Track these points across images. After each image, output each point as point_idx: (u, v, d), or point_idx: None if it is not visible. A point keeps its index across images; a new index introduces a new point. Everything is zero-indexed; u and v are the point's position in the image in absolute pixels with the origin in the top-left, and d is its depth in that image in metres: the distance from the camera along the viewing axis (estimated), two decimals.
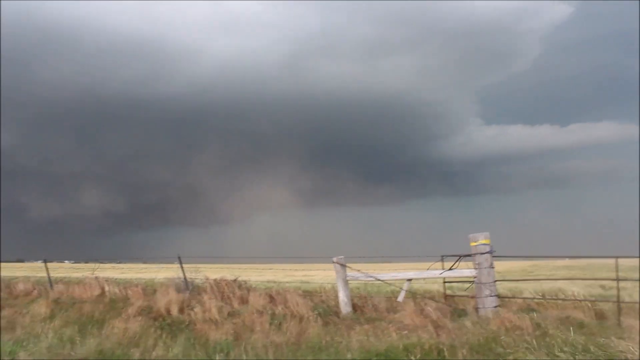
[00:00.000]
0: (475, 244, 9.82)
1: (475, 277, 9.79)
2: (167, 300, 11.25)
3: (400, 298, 10.48)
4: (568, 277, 17.97)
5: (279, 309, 10.35)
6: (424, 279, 11.80)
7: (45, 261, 17.43)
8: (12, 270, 38.03)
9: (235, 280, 12.30)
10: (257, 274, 22.42)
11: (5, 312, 12.51)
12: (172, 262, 14.62)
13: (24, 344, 9.45)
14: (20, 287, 15.17)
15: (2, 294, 14.65)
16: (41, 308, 12.26)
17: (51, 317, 11.63)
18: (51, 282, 15.38)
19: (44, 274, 16.93)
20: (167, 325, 10.07)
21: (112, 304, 12.09)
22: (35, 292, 14.62)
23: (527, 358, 6.64)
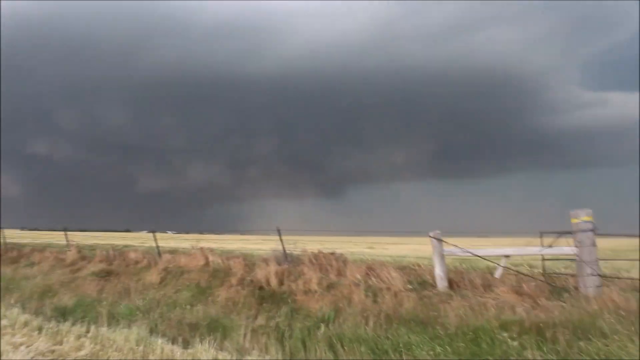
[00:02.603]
0: (576, 220, 9.54)
1: (576, 255, 9.55)
2: (267, 272, 11.69)
3: (497, 274, 10.41)
4: None
5: (375, 282, 10.54)
6: (522, 255, 11.63)
7: (153, 232, 18.49)
8: (120, 239, 40.46)
9: (332, 253, 12.60)
10: (352, 247, 22.69)
11: (120, 279, 13.46)
12: (268, 234, 15.12)
13: (140, 308, 10.17)
14: (132, 255, 16.19)
15: (116, 262, 15.73)
16: (152, 276, 13.07)
17: (162, 284, 12.39)
18: (159, 251, 16.31)
19: (150, 244, 17.95)
20: (268, 295, 10.50)
21: (216, 273, 12.68)
22: (145, 261, 15.54)
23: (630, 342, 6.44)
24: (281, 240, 13.68)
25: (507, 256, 10.49)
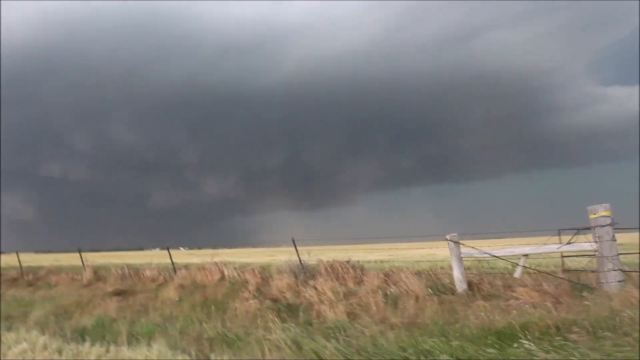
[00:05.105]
0: (594, 216, 9.41)
1: (596, 251, 9.40)
2: (283, 283, 11.63)
3: (517, 274, 10.27)
4: None
5: (393, 289, 10.43)
6: (541, 254, 11.44)
7: (167, 248, 18.50)
8: (135, 258, 40.54)
9: (348, 261, 12.51)
10: (366, 254, 22.53)
11: (137, 297, 13.44)
12: (282, 245, 15.05)
13: (159, 325, 10.12)
14: (148, 273, 16.19)
15: (132, 280, 15.75)
16: (169, 292, 13.04)
17: (179, 300, 12.35)
18: (175, 268, 16.30)
19: (161, 261, 17.91)
20: (284, 307, 10.42)
21: (232, 287, 12.63)
22: (161, 278, 15.53)
23: None
24: (297, 250, 13.60)
25: (525, 255, 10.34)
